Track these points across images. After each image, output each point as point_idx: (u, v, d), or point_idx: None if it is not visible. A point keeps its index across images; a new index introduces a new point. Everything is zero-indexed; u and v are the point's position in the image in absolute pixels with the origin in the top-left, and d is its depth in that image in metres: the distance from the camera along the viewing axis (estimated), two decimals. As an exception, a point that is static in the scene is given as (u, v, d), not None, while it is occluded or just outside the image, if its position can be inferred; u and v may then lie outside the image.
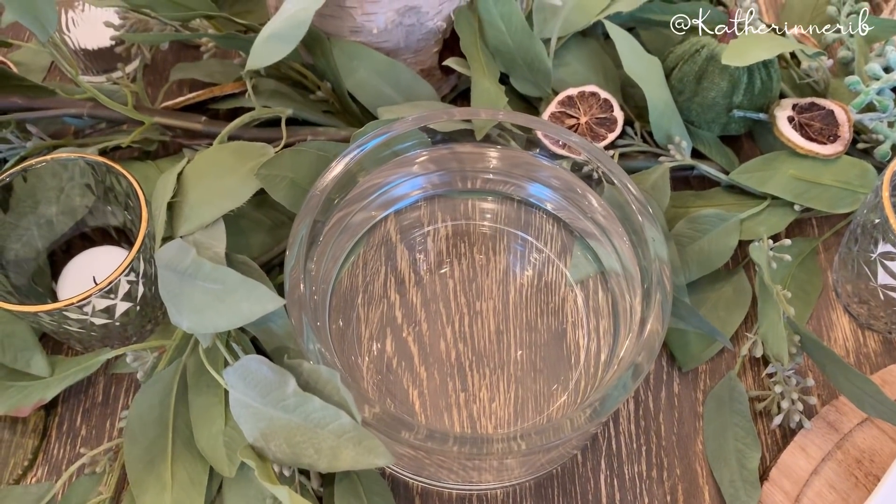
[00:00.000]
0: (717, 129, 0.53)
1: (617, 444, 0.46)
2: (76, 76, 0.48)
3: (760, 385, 0.48)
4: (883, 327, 0.49)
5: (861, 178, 0.50)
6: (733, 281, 0.50)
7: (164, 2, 0.49)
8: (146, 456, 0.42)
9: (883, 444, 0.44)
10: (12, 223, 0.45)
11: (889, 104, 0.51)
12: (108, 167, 0.44)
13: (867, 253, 0.45)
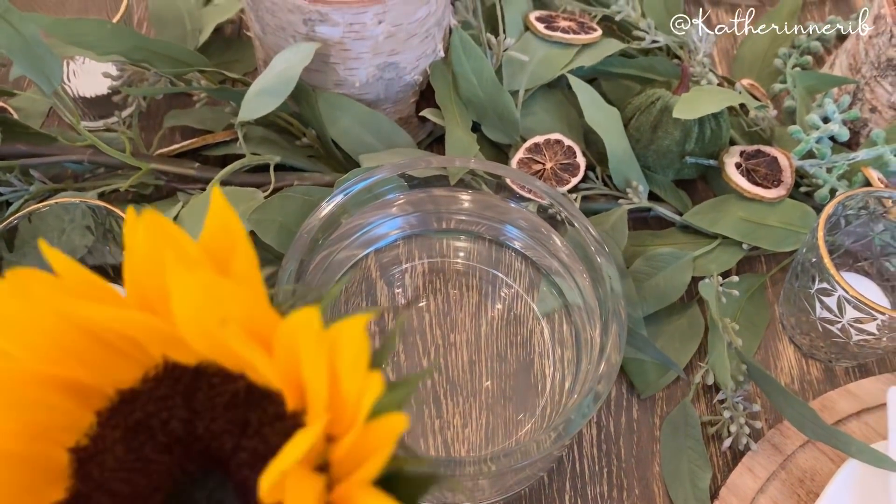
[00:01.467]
0: (672, 174, 0.58)
1: (580, 467, 0.50)
2: (77, 124, 0.52)
3: (712, 410, 0.52)
4: (824, 356, 0.53)
5: (802, 220, 0.55)
6: (687, 314, 0.54)
7: (161, 57, 0.53)
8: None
9: (823, 464, 0.48)
10: (16, 262, 0.49)
11: (827, 152, 0.56)
12: (108, 210, 0.48)
13: (807, 289, 0.50)
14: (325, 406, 0.18)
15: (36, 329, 0.19)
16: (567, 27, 0.61)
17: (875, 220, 0.52)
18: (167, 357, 0.20)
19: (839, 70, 0.62)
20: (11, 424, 0.19)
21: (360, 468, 0.17)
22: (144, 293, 0.19)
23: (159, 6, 0.63)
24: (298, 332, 0.17)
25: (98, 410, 0.21)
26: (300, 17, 0.49)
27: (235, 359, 0.19)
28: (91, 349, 0.20)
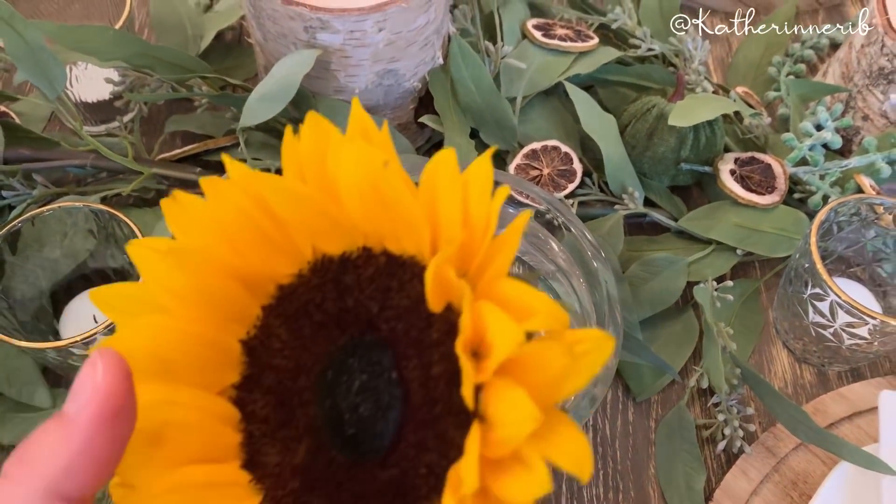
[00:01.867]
0: (667, 181, 0.58)
1: (577, 469, 0.50)
2: (80, 129, 0.52)
3: (707, 413, 0.53)
4: (816, 361, 0.54)
5: (796, 226, 0.55)
6: (682, 319, 0.55)
7: (163, 63, 0.54)
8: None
9: (815, 466, 0.49)
10: (19, 265, 0.49)
11: (820, 159, 0.56)
12: (110, 214, 0.48)
13: (800, 294, 0.51)
14: (461, 226, 0.20)
15: (223, 226, 0.22)
16: (564, 35, 0.62)
17: (867, 227, 0.53)
18: (317, 249, 0.24)
19: (832, 78, 0.63)
20: (203, 311, 0.23)
21: (492, 265, 0.20)
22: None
23: (161, 12, 0.63)
24: (438, 168, 0.21)
25: (262, 305, 0.24)
26: (301, 25, 0.50)
27: (388, 213, 0.21)
28: (260, 245, 0.23)
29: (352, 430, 0.23)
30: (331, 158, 0.21)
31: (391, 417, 0.22)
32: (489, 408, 0.19)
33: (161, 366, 0.22)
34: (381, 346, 0.23)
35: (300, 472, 0.23)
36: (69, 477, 0.19)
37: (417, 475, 0.21)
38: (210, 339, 0.23)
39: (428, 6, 0.52)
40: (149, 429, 0.21)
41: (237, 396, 0.24)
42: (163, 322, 0.22)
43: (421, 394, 0.22)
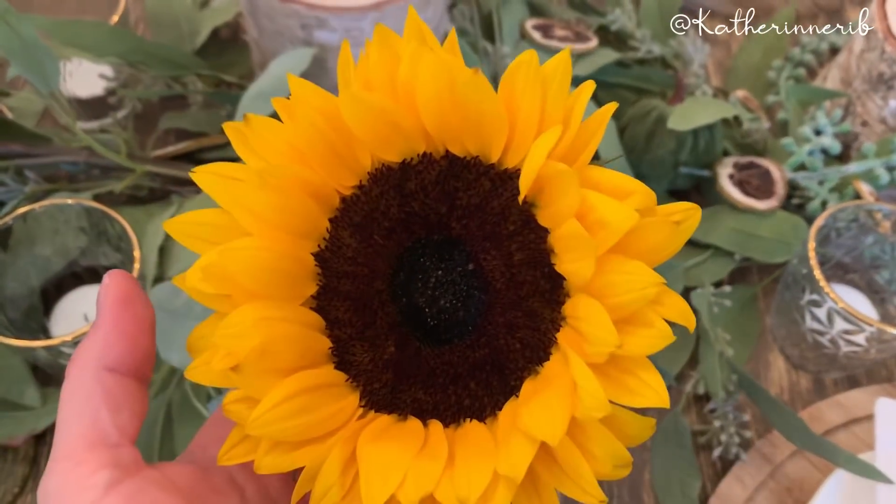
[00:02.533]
0: (666, 184, 0.58)
1: (571, 474, 0.50)
2: (74, 125, 0.51)
3: (703, 420, 0.52)
4: (813, 368, 0.54)
5: (794, 232, 0.55)
6: (679, 325, 0.55)
7: (159, 60, 0.53)
8: (133, 483, 0.45)
9: (811, 474, 0.49)
10: (10, 262, 0.48)
11: (819, 164, 0.56)
12: (102, 212, 0.48)
13: (797, 300, 0.50)
14: (538, 122, 0.22)
15: (297, 143, 0.23)
16: (563, 36, 0.61)
17: (865, 233, 0.52)
18: (375, 159, 0.25)
19: (832, 83, 0.63)
20: (282, 228, 0.24)
21: (582, 154, 0.22)
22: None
23: (156, 8, 0.63)
24: (520, 67, 0.22)
25: (329, 217, 0.25)
26: (298, 22, 0.50)
27: (464, 115, 0.22)
28: (328, 159, 0.24)
29: (434, 322, 0.25)
30: (405, 67, 0.22)
31: (472, 305, 0.25)
32: (607, 278, 0.21)
33: (254, 285, 0.23)
34: (450, 244, 0.25)
35: (392, 366, 0.25)
36: (108, 350, 0.24)
37: (511, 350, 0.24)
38: (289, 255, 0.24)
39: (426, 5, 0.52)
40: (257, 345, 0.22)
41: (317, 306, 0.25)
42: (250, 244, 0.23)
43: (504, 280, 0.24)
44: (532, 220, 0.23)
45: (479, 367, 0.25)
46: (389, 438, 0.24)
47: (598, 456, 0.22)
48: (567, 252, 0.22)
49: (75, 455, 0.22)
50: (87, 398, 0.23)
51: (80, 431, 0.23)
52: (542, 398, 0.22)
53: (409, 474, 0.23)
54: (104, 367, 0.24)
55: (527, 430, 0.22)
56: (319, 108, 0.23)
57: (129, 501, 0.22)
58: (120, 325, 0.24)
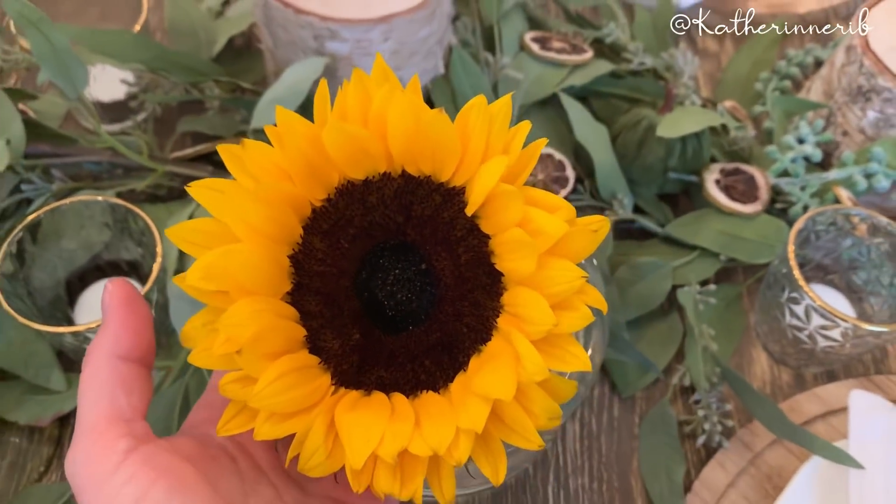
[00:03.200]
0: (656, 189, 0.61)
1: (564, 460, 0.53)
2: (98, 127, 0.55)
3: (688, 410, 0.55)
4: (794, 363, 0.57)
5: (777, 234, 0.58)
6: (667, 320, 0.58)
7: (179, 66, 0.56)
8: (153, 461, 0.48)
9: (790, 461, 0.52)
10: (39, 254, 0.52)
11: (801, 171, 0.59)
12: (126, 209, 0.51)
13: (778, 298, 0.53)
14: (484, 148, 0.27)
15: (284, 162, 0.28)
16: (560, 48, 0.65)
17: (843, 236, 0.56)
18: (342, 175, 0.29)
19: (815, 95, 0.66)
20: (266, 235, 0.28)
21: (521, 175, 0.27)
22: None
23: (175, 17, 0.66)
24: (472, 107, 0.27)
25: (303, 225, 0.29)
26: (311, 33, 0.53)
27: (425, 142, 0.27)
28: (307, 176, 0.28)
29: (392, 313, 0.30)
30: (377, 104, 0.27)
31: (425, 298, 0.30)
32: (544, 273, 0.27)
33: (247, 282, 0.27)
34: (406, 248, 0.30)
35: (358, 350, 0.30)
36: (118, 343, 0.28)
37: (459, 333, 0.29)
38: (272, 257, 0.28)
39: (431, 18, 0.55)
40: (253, 333, 0.26)
41: (292, 300, 0.29)
42: (244, 248, 0.27)
43: (453, 276, 0.29)
44: (476, 228, 0.28)
45: (433, 348, 0.29)
46: (362, 408, 0.28)
47: (536, 412, 0.27)
48: (510, 253, 0.27)
49: (98, 428, 0.26)
50: (105, 382, 0.27)
51: (100, 410, 0.27)
52: (492, 368, 0.27)
53: (386, 434, 0.27)
54: (116, 356, 0.28)
55: (483, 393, 0.27)
56: (304, 135, 0.27)
57: (146, 462, 0.26)
58: (126, 322, 0.28)
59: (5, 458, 0.51)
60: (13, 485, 0.50)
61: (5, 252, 0.48)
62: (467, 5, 0.68)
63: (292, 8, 0.52)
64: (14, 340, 0.51)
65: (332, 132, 0.27)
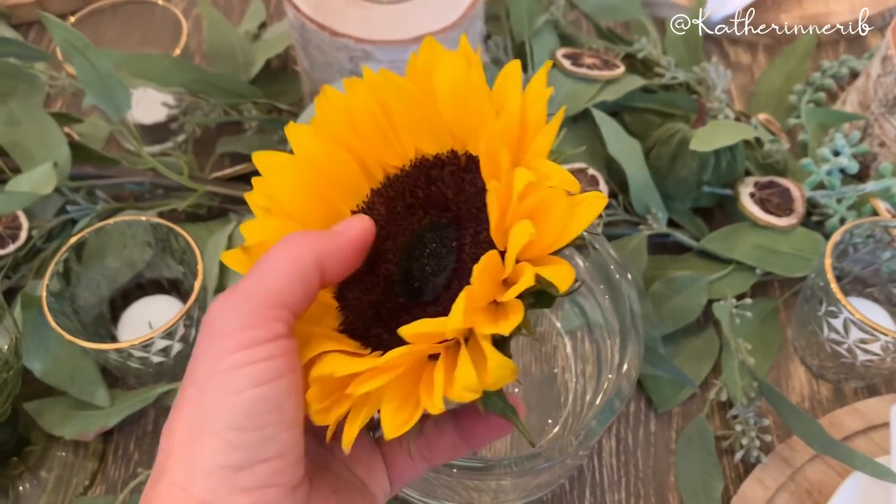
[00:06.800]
0: (690, 202, 0.61)
1: (600, 475, 0.53)
2: (141, 149, 0.56)
3: (725, 425, 0.55)
4: (832, 377, 0.56)
5: (813, 247, 0.58)
6: (703, 335, 0.58)
7: (218, 89, 0.58)
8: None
9: (830, 477, 0.51)
10: (84, 273, 0.53)
11: (837, 183, 0.59)
12: (168, 228, 0.52)
13: (815, 311, 0.53)
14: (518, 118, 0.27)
15: (354, 117, 0.30)
16: (592, 64, 0.65)
17: (882, 248, 0.55)
18: (418, 150, 0.31)
19: (850, 107, 0.66)
20: (330, 177, 0.30)
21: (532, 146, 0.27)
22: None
23: (214, 41, 0.68)
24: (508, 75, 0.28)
25: (372, 188, 0.32)
26: (346, 55, 0.54)
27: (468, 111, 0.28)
28: (378, 139, 0.31)
29: (417, 284, 0.30)
30: (435, 69, 0.29)
31: (446, 274, 0.30)
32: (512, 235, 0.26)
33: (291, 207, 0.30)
34: (448, 226, 0.31)
35: (373, 307, 0.31)
36: (327, 253, 0.27)
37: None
38: (330, 201, 0.31)
39: (464, 37, 0.56)
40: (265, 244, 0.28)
41: None
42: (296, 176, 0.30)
43: (470, 253, 0.29)
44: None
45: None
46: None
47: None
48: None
49: (260, 297, 0.25)
50: (291, 267, 0.26)
51: (272, 284, 0.26)
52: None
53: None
54: (316, 259, 0.27)
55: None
56: (377, 95, 0.29)
57: (286, 354, 0.25)
58: (340, 255, 0.28)
59: (52, 471, 0.52)
60: (59, 498, 0.51)
61: (52, 271, 0.50)
62: (499, 24, 0.69)
63: (328, 31, 0.53)
64: (60, 357, 0.52)
65: (396, 92, 0.29)
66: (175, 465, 0.24)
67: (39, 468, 0.52)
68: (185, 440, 0.24)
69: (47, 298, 0.49)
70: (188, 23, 0.64)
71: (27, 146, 0.56)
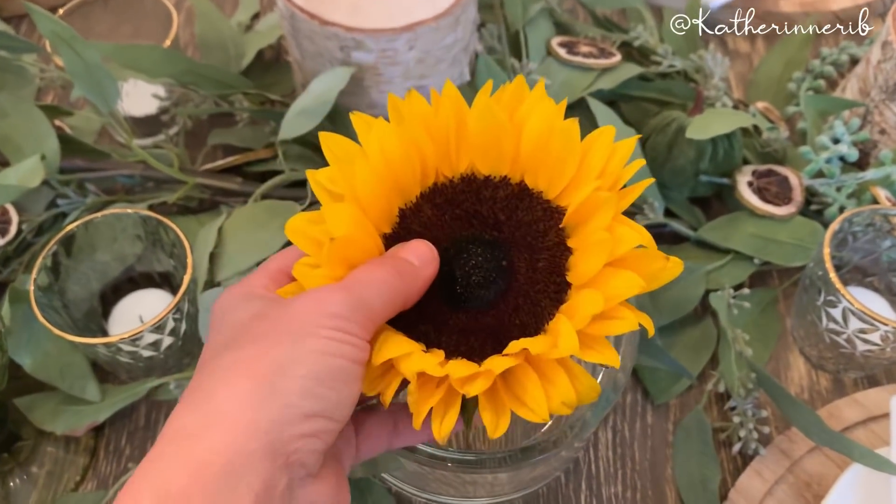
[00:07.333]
0: (687, 192, 0.60)
1: (596, 468, 0.52)
2: (131, 141, 0.56)
3: (723, 417, 0.54)
4: (832, 368, 0.55)
5: (812, 236, 0.57)
6: (701, 326, 0.57)
7: (208, 80, 0.57)
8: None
9: (829, 469, 0.50)
10: (73, 267, 0.53)
11: (836, 171, 0.58)
12: (158, 221, 0.52)
13: (814, 301, 0.52)
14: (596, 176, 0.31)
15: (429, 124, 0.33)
16: (588, 52, 0.64)
17: (882, 237, 0.54)
18: (471, 166, 0.34)
19: (850, 94, 0.65)
20: (392, 173, 0.32)
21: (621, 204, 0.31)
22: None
23: (205, 32, 0.67)
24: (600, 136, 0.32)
25: (421, 191, 0.34)
26: (337, 44, 0.53)
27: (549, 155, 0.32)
28: (441, 147, 0.33)
29: (460, 290, 0.33)
30: (526, 106, 0.33)
31: (493, 289, 0.33)
32: (608, 279, 0.30)
33: (360, 195, 0.31)
34: (495, 244, 0.34)
35: (415, 307, 0.32)
36: (409, 300, 0.31)
37: (512, 325, 0.32)
38: (389, 197, 0.33)
39: (455, 25, 0.55)
40: (346, 234, 0.30)
41: (384, 242, 0.33)
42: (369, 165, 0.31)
43: (526, 277, 0.33)
44: (563, 242, 0.33)
45: (482, 330, 0.33)
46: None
47: (552, 393, 0.30)
48: (586, 252, 0.31)
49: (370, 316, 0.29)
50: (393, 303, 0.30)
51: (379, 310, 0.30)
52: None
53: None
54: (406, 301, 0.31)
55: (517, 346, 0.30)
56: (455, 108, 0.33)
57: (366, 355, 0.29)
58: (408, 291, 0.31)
59: (43, 467, 0.52)
60: (50, 494, 0.51)
61: (40, 265, 0.49)
62: (493, 12, 0.68)
63: (318, 19, 0.52)
64: (50, 352, 0.52)
65: (482, 110, 0.32)
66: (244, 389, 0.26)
67: (30, 464, 0.51)
68: (266, 373, 0.27)
69: (35, 293, 0.48)
70: (180, 15, 0.63)
71: (16, 139, 0.55)
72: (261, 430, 0.26)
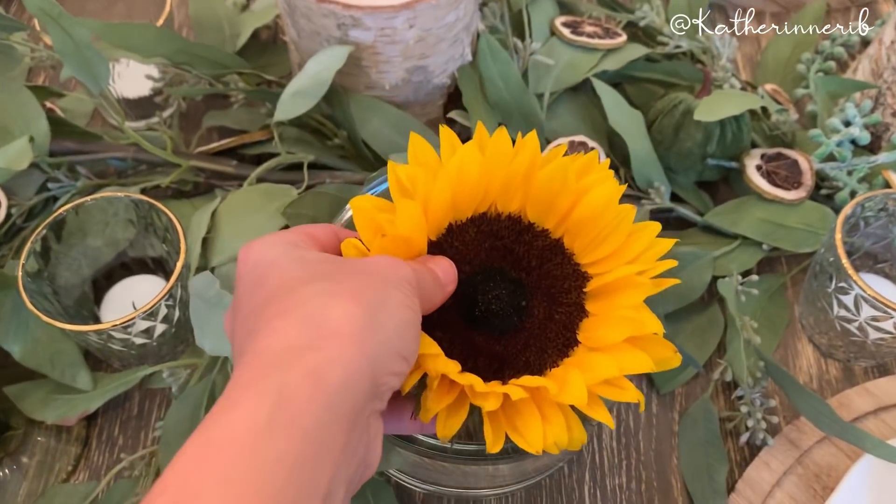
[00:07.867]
0: (694, 176, 0.59)
1: (600, 459, 0.51)
2: (122, 123, 0.54)
3: (730, 406, 0.53)
4: (842, 356, 0.54)
5: (822, 221, 0.56)
6: (707, 313, 0.56)
7: (202, 60, 0.56)
8: (179, 461, 0.47)
9: (839, 460, 0.49)
10: (63, 252, 0.51)
11: (848, 155, 0.56)
12: (150, 205, 0.50)
13: (825, 288, 0.51)
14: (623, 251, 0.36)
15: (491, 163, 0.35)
16: (592, 32, 0.63)
17: (895, 222, 0.53)
18: (521, 209, 0.37)
19: (862, 75, 0.63)
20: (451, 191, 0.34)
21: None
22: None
23: (200, 11, 0.65)
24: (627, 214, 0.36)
25: (473, 215, 0.36)
26: (334, 22, 0.52)
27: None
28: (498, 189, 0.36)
29: (478, 314, 0.35)
30: (592, 177, 0.36)
31: (509, 322, 0.35)
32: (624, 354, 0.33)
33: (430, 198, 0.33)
34: (519, 283, 0.36)
35: (436, 312, 0.34)
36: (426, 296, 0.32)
37: (519, 360, 0.35)
38: (446, 210, 0.35)
39: (457, 3, 0.53)
40: (409, 232, 0.32)
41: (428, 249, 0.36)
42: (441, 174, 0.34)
43: (541, 323, 0.36)
44: (582, 304, 0.36)
45: (490, 354, 0.35)
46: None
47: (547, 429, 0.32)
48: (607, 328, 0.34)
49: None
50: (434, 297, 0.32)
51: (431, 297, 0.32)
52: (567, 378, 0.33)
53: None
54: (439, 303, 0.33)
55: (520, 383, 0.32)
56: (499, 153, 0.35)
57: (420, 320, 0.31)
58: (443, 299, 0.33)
59: (34, 457, 0.50)
60: (41, 484, 0.49)
61: (29, 250, 0.48)
62: (495, -9, 0.66)
63: (314, -3, 0.51)
64: (40, 339, 0.50)
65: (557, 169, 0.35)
66: (356, 313, 0.28)
67: (20, 453, 0.50)
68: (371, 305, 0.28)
69: (24, 279, 0.47)
70: (174, -7, 0.61)
71: (4, 121, 0.53)
72: (368, 356, 0.27)
